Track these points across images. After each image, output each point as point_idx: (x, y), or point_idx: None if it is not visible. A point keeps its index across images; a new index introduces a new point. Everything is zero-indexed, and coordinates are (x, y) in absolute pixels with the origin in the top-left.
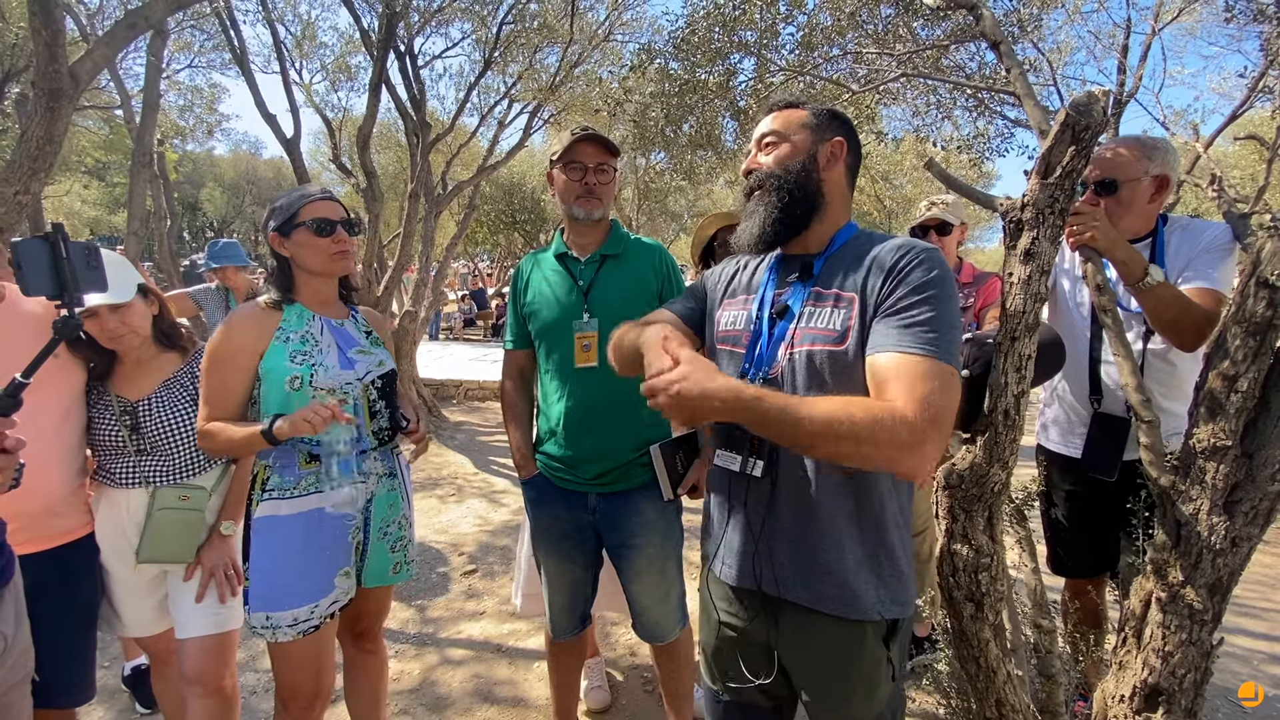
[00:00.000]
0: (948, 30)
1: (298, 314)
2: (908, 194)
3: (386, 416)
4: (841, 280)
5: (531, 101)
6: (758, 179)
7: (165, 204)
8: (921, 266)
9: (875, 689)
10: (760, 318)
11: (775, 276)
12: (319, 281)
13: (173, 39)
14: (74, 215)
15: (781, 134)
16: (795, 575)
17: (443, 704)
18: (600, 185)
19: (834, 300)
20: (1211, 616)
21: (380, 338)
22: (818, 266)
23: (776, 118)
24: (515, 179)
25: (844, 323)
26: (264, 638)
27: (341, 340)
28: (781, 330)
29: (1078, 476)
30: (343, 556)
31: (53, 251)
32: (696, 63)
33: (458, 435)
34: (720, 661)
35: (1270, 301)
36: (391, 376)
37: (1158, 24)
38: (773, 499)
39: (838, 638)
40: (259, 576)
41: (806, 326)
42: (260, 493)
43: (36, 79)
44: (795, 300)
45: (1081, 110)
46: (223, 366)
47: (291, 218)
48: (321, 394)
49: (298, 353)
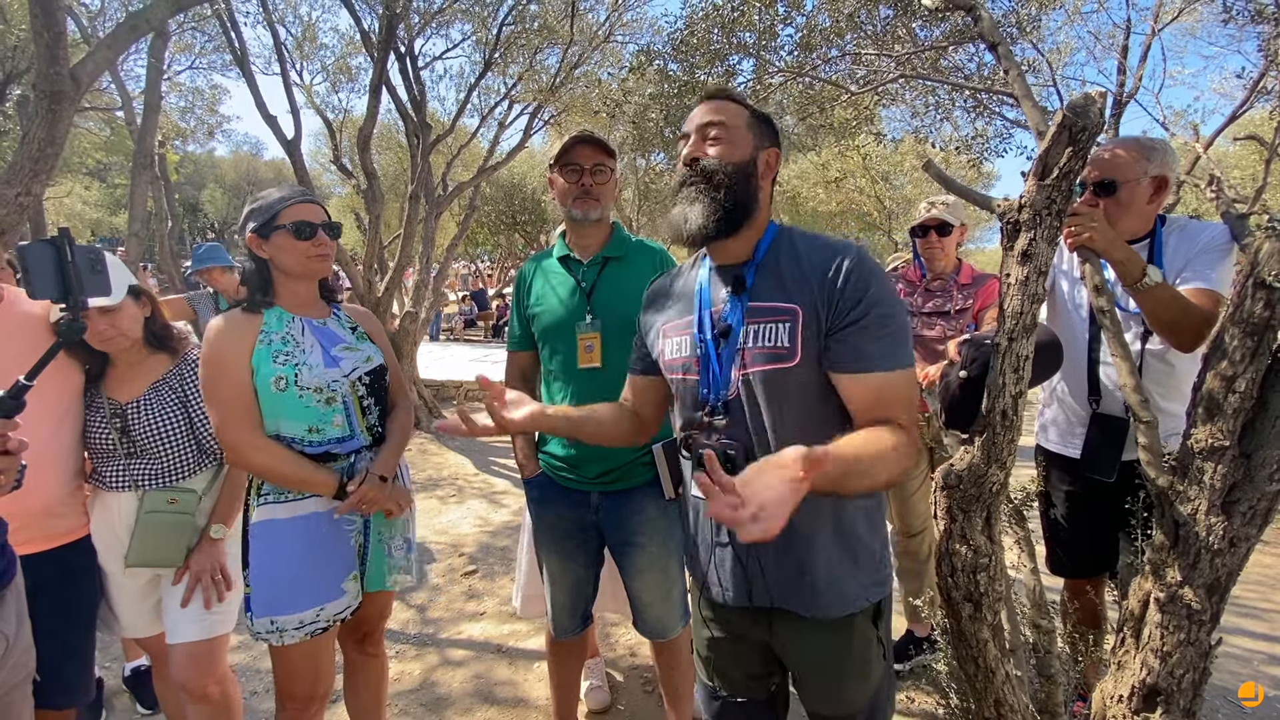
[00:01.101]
0: (946, 31)
1: (277, 316)
2: (908, 195)
3: (377, 413)
4: (778, 292)
5: (532, 102)
6: (704, 169)
7: (166, 205)
8: (867, 272)
9: (869, 669)
10: (705, 340)
11: (707, 293)
12: (297, 283)
13: (174, 41)
14: (75, 217)
15: (728, 128)
16: (784, 589)
17: (443, 704)
18: (597, 186)
19: (774, 314)
20: (1210, 617)
21: (367, 333)
22: (749, 279)
23: (719, 109)
24: (516, 180)
25: (790, 338)
26: (270, 641)
27: (324, 339)
28: (728, 352)
29: (1076, 477)
30: (348, 560)
31: (58, 255)
32: (695, 64)
33: (458, 436)
34: (716, 664)
35: (1268, 302)
36: (381, 372)
37: (1157, 24)
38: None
39: (831, 631)
40: (261, 582)
41: (754, 346)
42: (256, 498)
43: (38, 81)
44: (734, 317)
45: (1078, 112)
46: (222, 375)
47: (271, 219)
48: (308, 393)
49: (280, 353)
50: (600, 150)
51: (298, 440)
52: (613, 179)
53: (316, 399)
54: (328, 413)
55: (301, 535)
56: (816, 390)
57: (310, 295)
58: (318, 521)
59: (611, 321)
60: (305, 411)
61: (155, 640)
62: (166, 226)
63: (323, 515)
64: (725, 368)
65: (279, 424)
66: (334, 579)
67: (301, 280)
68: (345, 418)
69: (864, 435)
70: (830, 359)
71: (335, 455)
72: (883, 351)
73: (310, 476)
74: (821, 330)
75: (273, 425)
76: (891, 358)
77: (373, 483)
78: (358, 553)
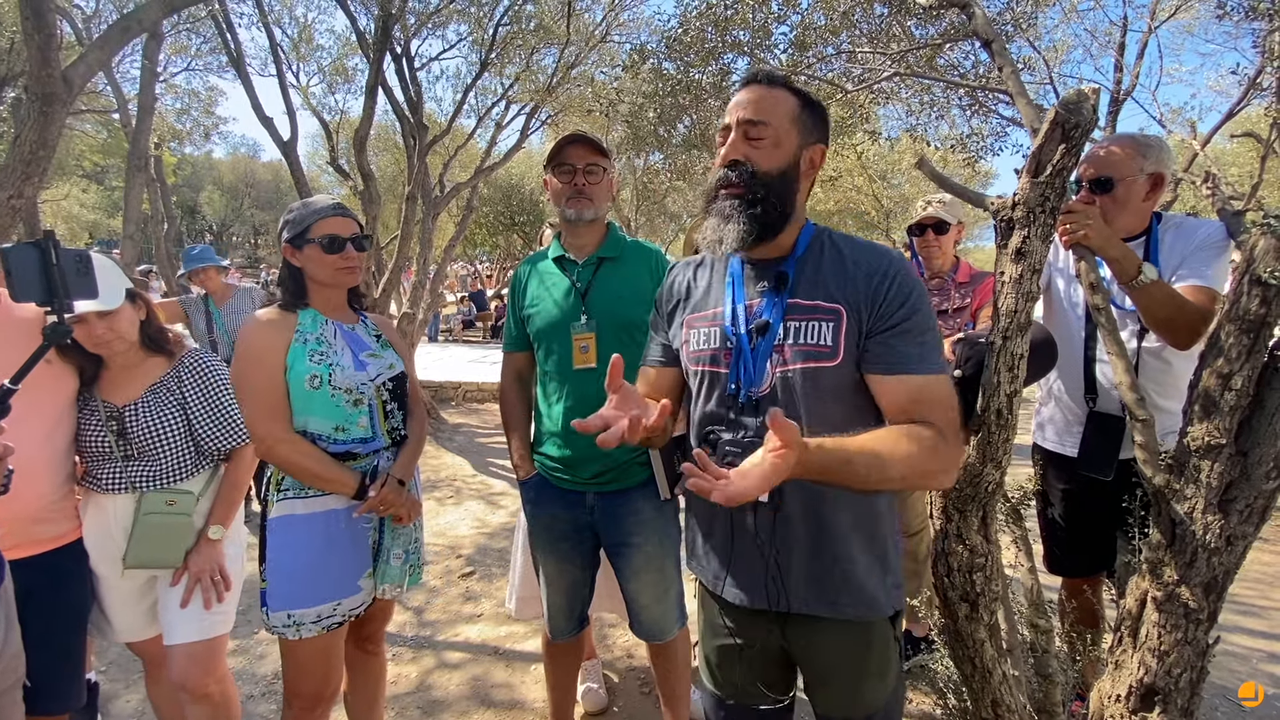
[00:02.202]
0: (942, 29)
1: (312, 317)
2: (905, 193)
3: (400, 417)
4: (820, 290)
5: (529, 103)
6: (742, 177)
7: (163, 207)
8: (912, 281)
9: (888, 669)
10: (738, 334)
11: (740, 287)
12: (328, 290)
13: (169, 42)
14: (73, 219)
15: (772, 128)
16: (813, 590)
17: (439, 707)
18: (590, 185)
19: (817, 313)
20: (1207, 615)
21: (389, 341)
22: (791, 276)
23: (763, 99)
24: (513, 180)
25: (834, 336)
26: (286, 635)
27: (353, 344)
28: (765, 347)
29: (1074, 475)
30: (364, 557)
31: (43, 258)
32: (690, 63)
33: (456, 437)
34: (726, 672)
35: (1264, 299)
36: (402, 379)
37: (1154, 21)
38: (781, 520)
39: (852, 635)
40: (278, 576)
41: (795, 343)
42: (275, 493)
43: (29, 83)
44: (772, 313)
45: (1071, 109)
46: (258, 368)
47: (304, 232)
48: (340, 393)
49: (315, 352)
50: (593, 150)
51: (324, 437)
52: (606, 178)
53: (346, 399)
54: (354, 414)
55: (320, 530)
56: (853, 391)
57: (340, 301)
58: (336, 518)
59: (606, 322)
60: (335, 410)
61: (149, 644)
62: (163, 229)
63: (341, 512)
64: (760, 363)
65: (308, 420)
66: (351, 575)
67: (332, 289)
68: (369, 420)
69: (880, 431)
70: (868, 360)
71: (357, 455)
72: (920, 355)
73: (333, 475)
74: (863, 332)
75: (301, 421)
76: (928, 362)
77: (392, 485)
78: (373, 551)
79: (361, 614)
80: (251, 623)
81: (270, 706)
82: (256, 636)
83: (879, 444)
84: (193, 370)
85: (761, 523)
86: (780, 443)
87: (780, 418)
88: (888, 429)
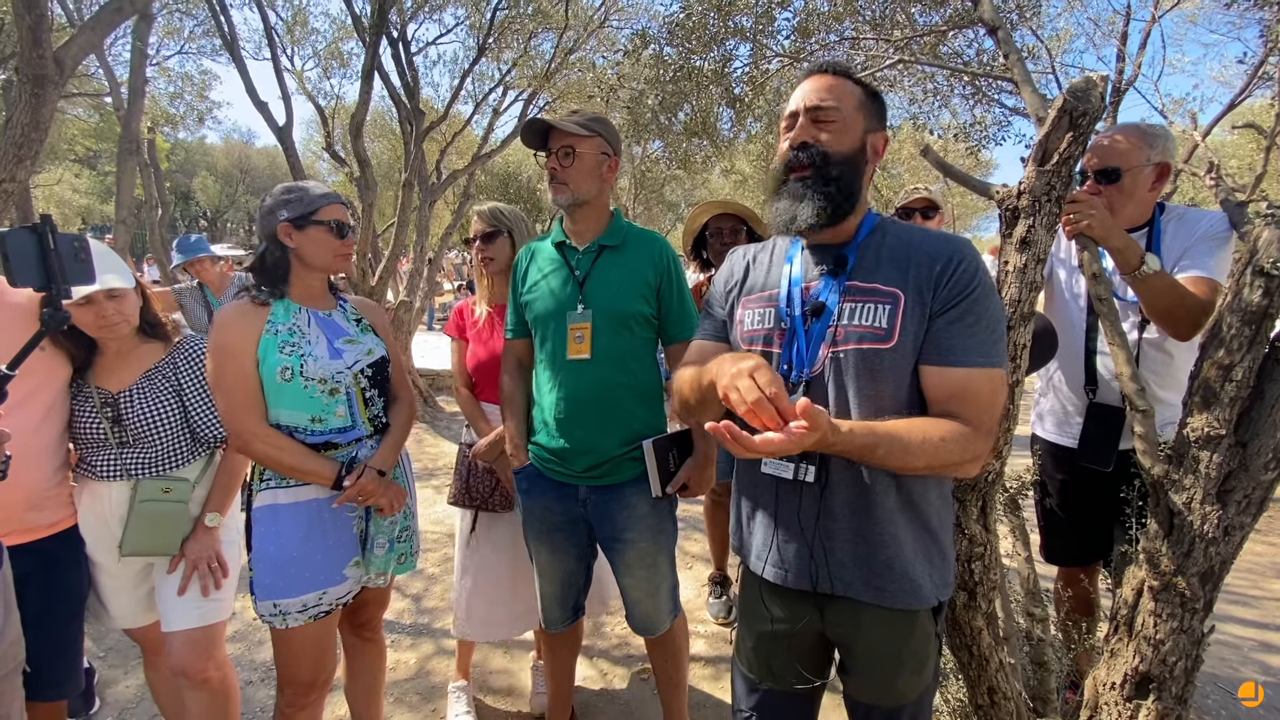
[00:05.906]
0: (946, 16)
1: (284, 308)
2: (905, 182)
3: (381, 405)
4: (879, 274)
5: (526, 89)
6: (813, 159)
7: (157, 193)
8: (974, 267)
9: (925, 664)
10: (793, 315)
11: (798, 269)
12: (313, 275)
13: (162, 25)
14: (65, 204)
15: (841, 113)
16: (857, 573)
17: (438, 693)
18: (563, 170)
19: (875, 295)
20: (1203, 605)
21: (372, 324)
22: (851, 259)
23: (831, 87)
24: (511, 168)
25: (889, 319)
26: (274, 625)
27: (329, 331)
28: (820, 328)
29: (1073, 466)
30: (349, 546)
31: (40, 243)
32: (691, 49)
33: (453, 425)
34: (763, 657)
35: (1266, 290)
36: (383, 364)
37: (1158, 11)
38: (826, 501)
39: (893, 624)
40: (263, 566)
41: (850, 324)
42: (259, 482)
43: (20, 65)
44: (829, 296)
45: (1079, 96)
46: (229, 363)
47: (311, 213)
48: (313, 384)
49: (286, 344)
50: (561, 133)
51: (300, 430)
52: (581, 161)
53: (320, 389)
54: (331, 403)
55: (303, 520)
56: (906, 375)
57: (320, 288)
58: (319, 507)
59: (604, 311)
60: (309, 402)
61: (147, 630)
62: (157, 214)
63: (323, 501)
64: (814, 345)
65: (281, 413)
66: (336, 564)
67: (317, 273)
68: (348, 408)
69: (911, 419)
70: (923, 348)
71: (337, 445)
72: (967, 347)
73: (310, 466)
74: (925, 316)
75: (275, 414)
76: (978, 354)
77: (370, 476)
78: (360, 538)
79: (350, 601)
80: (249, 609)
81: (269, 692)
82: (255, 623)
83: (908, 433)
84: (187, 356)
85: (806, 502)
86: (806, 424)
87: (810, 406)
88: (921, 419)
